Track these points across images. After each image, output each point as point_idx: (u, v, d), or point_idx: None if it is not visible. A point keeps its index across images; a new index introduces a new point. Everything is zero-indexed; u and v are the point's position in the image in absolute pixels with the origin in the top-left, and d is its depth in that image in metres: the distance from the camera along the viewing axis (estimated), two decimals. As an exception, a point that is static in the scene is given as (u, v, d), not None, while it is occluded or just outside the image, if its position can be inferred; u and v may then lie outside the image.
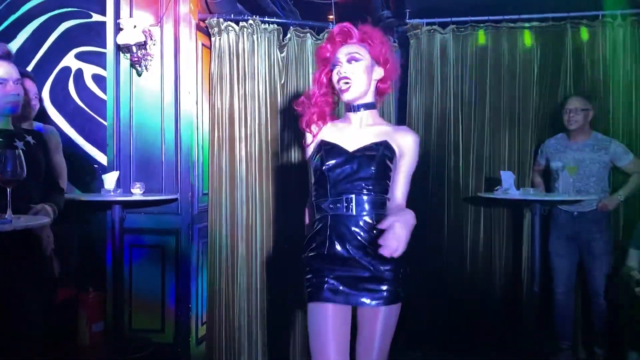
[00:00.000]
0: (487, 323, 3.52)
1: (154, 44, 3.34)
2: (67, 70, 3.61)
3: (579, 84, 3.54)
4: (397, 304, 1.84)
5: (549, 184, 3.50)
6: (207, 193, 3.47)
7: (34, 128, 2.67)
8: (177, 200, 3.36)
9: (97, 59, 3.56)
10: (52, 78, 3.60)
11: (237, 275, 3.38)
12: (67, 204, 2.29)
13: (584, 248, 3.33)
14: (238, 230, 3.39)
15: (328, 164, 1.85)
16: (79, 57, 3.60)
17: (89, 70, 3.59)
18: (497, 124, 3.62)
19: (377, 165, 1.83)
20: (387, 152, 1.85)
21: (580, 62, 3.54)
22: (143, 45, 3.27)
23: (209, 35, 3.43)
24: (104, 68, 3.48)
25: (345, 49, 1.89)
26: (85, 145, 3.59)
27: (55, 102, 3.61)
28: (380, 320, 1.81)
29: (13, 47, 3.53)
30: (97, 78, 3.58)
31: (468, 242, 3.65)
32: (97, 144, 3.57)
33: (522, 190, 3.30)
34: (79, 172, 3.45)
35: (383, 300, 1.80)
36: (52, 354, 2.65)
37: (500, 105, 3.61)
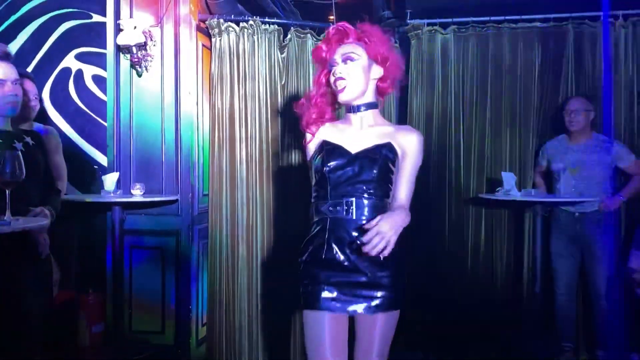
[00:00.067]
0: (488, 324, 3.50)
1: (154, 45, 3.34)
2: (67, 71, 3.60)
3: (581, 85, 3.53)
4: (395, 311, 1.81)
5: (551, 185, 3.49)
6: (207, 194, 3.46)
7: (34, 129, 2.66)
8: (177, 201, 3.35)
9: (97, 60, 3.56)
10: (52, 79, 3.60)
11: (237, 276, 3.37)
12: (67, 205, 2.29)
13: (586, 249, 3.32)
14: (238, 231, 3.38)
15: (329, 166, 1.81)
16: (79, 57, 3.59)
17: (89, 71, 3.59)
18: (498, 125, 3.61)
19: (379, 169, 1.79)
20: (389, 154, 1.81)
21: (582, 62, 3.53)
22: (143, 46, 3.27)
23: (209, 36, 3.43)
24: (104, 69, 3.47)
25: (342, 49, 1.85)
26: (86, 146, 3.58)
27: (56, 103, 3.60)
28: (378, 328, 1.78)
29: (13, 47, 3.54)
30: (97, 79, 3.57)
31: (469, 243, 3.63)
32: (97, 145, 3.56)
33: (523, 192, 3.29)
34: (79, 173, 3.45)
35: (380, 308, 1.77)
36: (52, 355, 2.64)
37: (502, 106, 3.60)
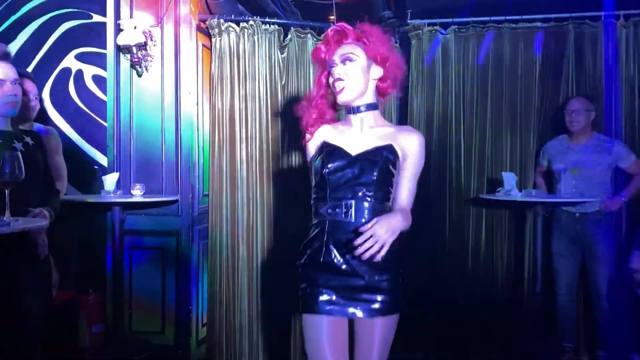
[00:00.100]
0: (488, 325, 3.50)
1: (155, 45, 3.33)
2: (67, 71, 3.60)
3: (581, 85, 3.53)
4: (394, 315, 1.79)
5: (551, 186, 3.48)
6: (207, 194, 3.46)
7: (34, 129, 2.66)
8: (177, 202, 3.35)
9: (97, 60, 3.56)
10: (52, 79, 3.60)
11: (237, 277, 3.37)
12: (67, 206, 2.29)
13: (587, 250, 3.32)
14: (239, 232, 3.37)
15: (328, 167, 1.80)
16: (79, 58, 3.59)
17: (89, 71, 3.59)
18: (498, 125, 3.61)
19: (379, 171, 1.77)
20: (390, 155, 1.79)
21: (583, 62, 3.52)
22: (143, 46, 3.26)
23: (210, 36, 3.42)
24: (104, 69, 3.47)
25: (341, 50, 1.83)
26: (86, 146, 3.58)
27: (56, 103, 3.60)
28: (377, 332, 1.77)
29: (13, 48, 3.54)
30: (97, 79, 3.57)
31: (470, 243, 3.63)
32: (97, 145, 3.57)
33: (524, 192, 3.28)
34: (79, 173, 3.44)
35: (379, 312, 1.75)
36: (52, 356, 2.65)
37: (502, 106, 3.59)
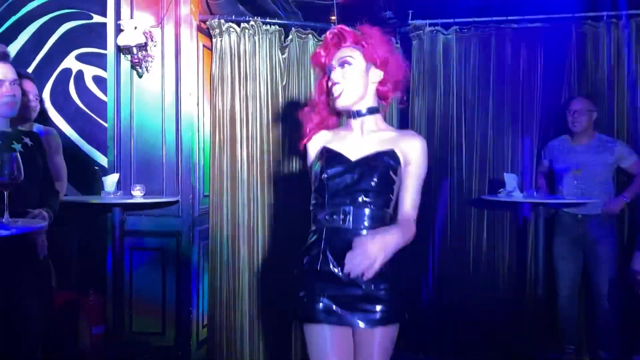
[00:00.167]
0: (490, 326, 3.48)
1: (155, 45, 3.32)
2: (67, 72, 3.60)
3: (583, 85, 3.52)
4: (394, 325, 1.75)
5: (553, 186, 3.47)
6: (208, 195, 3.45)
7: (34, 130, 2.66)
8: (177, 203, 3.34)
9: (97, 61, 3.56)
10: (52, 79, 3.60)
11: (238, 278, 3.36)
12: (67, 207, 2.28)
13: (589, 252, 3.30)
14: (239, 232, 3.36)
15: (327, 173, 1.75)
16: (80, 58, 3.59)
17: (90, 72, 3.58)
18: (500, 126, 3.59)
19: (379, 177, 1.72)
20: (391, 161, 1.74)
21: (584, 63, 3.51)
22: (144, 47, 3.25)
23: (210, 37, 3.42)
24: (105, 69, 3.47)
25: (339, 53, 1.79)
26: (86, 147, 3.58)
27: (56, 103, 3.60)
28: (377, 342, 1.72)
29: (14, 48, 3.55)
30: (97, 79, 3.57)
31: (471, 244, 3.61)
32: (97, 146, 3.56)
33: (525, 193, 3.27)
34: (80, 173, 3.44)
35: (378, 322, 1.70)
36: (52, 357, 2.64)
37: (504, 107, 3.58)
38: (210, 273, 3.41)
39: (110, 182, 3.21)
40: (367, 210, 1.73)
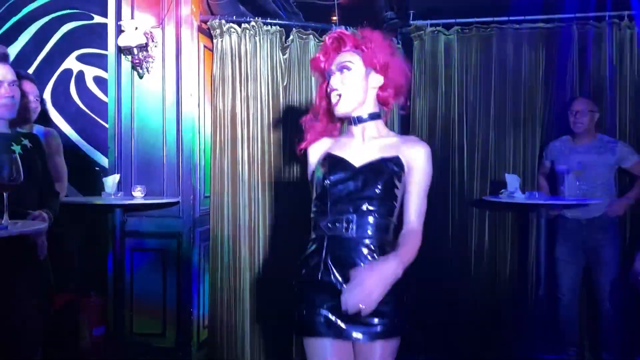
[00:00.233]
0: (491, 328, 3.48)
1: (156, 46, 3.32)
2: (68, 73, 3.59)
3: (585, 86, 3.50)
4: (395, 339, 1.71)
5: (555, 187, 3.46)
6: (208, 196, 3.45)
7: (34, 131, 2.65)
8: (178, 203, 3.33)
9: (98, 61, 3.55)
10: (53, 80, 3.59)
11: (239, 279, 3.36)
12: (67, 208, 2.28)
13: (593, 256, 3.28)
14: (240, 233, 3.36)
15: (330, 179, 1.70)
16: (81, 59, 3.59)
17: (91, 72, 3.58)
18: (502, 126, 3.58)
19: (384, 184, 1.67)
20: (396, 168, 1.69)
21: (586, 63, 3.50)
22: (144, 47, 3.25)
23: (211, 37, 3.42)
24: (106, 70, 3.46)
25: (338, 58, 1.74)
26: (87, 148, 3.58)
27: (57, 104, 3.60)
28: (378, 355, 1.68)
29: (15, 49, 3.54)
30: (98, 80, 3.56)
31: (473, 246, 3.60)
32: (98, 146, 3.56)
33: (527, 194, 3.26)
34: (80, 174, 3.44)
35: (380, 335, 1.66)
36: (52, 358, 2.64)
37: (505, 108, 3.57)
38: (211, 274, 3.41)
39: (111, 182, 3.20)
40: (370, 219, 1.68)
